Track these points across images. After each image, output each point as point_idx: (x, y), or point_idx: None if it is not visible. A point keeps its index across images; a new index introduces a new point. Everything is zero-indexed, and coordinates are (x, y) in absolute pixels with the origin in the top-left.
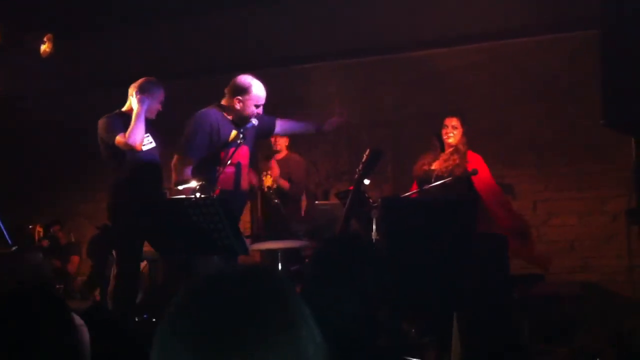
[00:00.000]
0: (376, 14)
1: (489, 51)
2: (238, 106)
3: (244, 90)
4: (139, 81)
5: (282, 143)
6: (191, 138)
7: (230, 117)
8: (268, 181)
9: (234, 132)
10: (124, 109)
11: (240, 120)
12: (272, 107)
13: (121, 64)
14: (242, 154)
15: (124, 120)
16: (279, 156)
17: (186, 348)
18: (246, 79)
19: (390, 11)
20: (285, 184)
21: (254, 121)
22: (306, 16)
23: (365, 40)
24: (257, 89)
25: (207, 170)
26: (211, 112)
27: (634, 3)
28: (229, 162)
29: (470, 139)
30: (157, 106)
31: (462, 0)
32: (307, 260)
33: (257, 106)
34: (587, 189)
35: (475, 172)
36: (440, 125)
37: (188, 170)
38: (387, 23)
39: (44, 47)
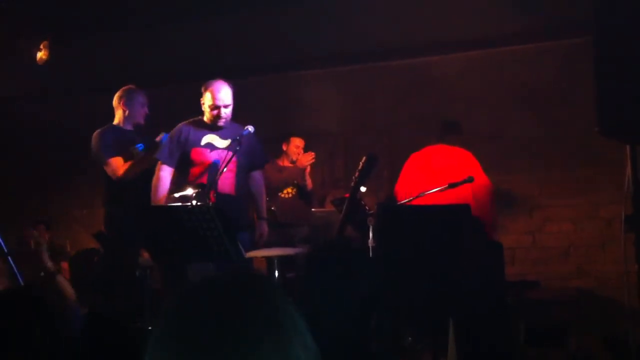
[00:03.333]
0: (370, 21)
1: (482, 58)
2: (202, 108)
3: (201, 93)
4: (118, 93)
5: (297, 152)
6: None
7: (205, 121)
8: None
9: (210, 136)
10: (115, 122)
11: (212, 123)
12: (267, 112)
13: (115, 69)
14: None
15: (117, 135)
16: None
17: (176, 354)
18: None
19: (384, 18)
20: (310, 183)
21: (250, 128)
22: (300, 23)
23: (359, 47)
24: (211, 89)
25: (182, 172)
26: (184, 124)
27: (627, 9)
28: (225, 167)
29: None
30: (143, 110)
31: (455, 7)
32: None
33: (212, 107)
34: (582, 195)
35: (471, 180)
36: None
37: (162, 173)
38: (382, 30)
39: (40, 54)
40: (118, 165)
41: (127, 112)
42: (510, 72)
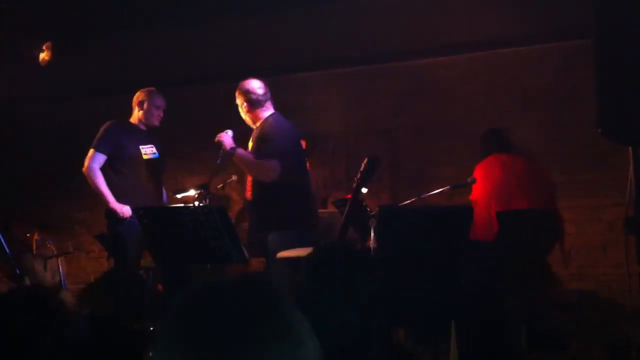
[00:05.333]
0: (372, 23)
1: (484, 60)
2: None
3: None
4: (137, 93)
5: None
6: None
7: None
8: None
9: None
10: (131, 119)
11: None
12: None
13: (118, 72)
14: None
15: (127, 131)
16: None
17: (186, 355)
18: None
19: (386, 20)
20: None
21: (229, 132)
22: (302, 25)
23: (361, 49)
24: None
25: None
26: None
27: (627, 10)
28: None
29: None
30: (158, 113)
31: (457, 10)
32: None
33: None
34: (583, 198)
35: (474, 181)
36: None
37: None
38: (383, 32)
39: (43, 55)
40: (93, 160)
41: (142, 113)
42: (512, 74)
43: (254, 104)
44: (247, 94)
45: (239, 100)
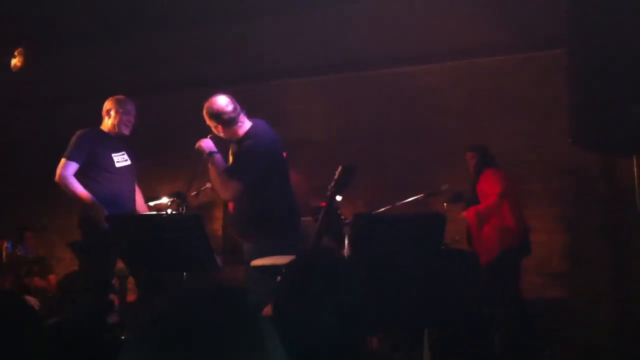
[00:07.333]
0: (352, 31)
1: (463, 69)
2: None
3: None
4: (107, 101)
5: None
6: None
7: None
8: None
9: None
10: (102, 126)
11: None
12: None
13: (99, 77)
14: None
15: (99, 139)
16: None
17: None
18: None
19: (366, 29)
20: None
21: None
22: (284, 33)
23: (341, 57)
24: None
25: None
26: None
27: (600, 21)
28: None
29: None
30: (128, 120)
31: (437, 19)
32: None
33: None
34: (558, 206)
35: (452, 189)
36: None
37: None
38: (364, 40)
39: (15, 61)
40: (66, 168)
41: (112, 120)
42: (491, 83)
43: (228, 123)
44: (219, 116)
45: (211, 124)
